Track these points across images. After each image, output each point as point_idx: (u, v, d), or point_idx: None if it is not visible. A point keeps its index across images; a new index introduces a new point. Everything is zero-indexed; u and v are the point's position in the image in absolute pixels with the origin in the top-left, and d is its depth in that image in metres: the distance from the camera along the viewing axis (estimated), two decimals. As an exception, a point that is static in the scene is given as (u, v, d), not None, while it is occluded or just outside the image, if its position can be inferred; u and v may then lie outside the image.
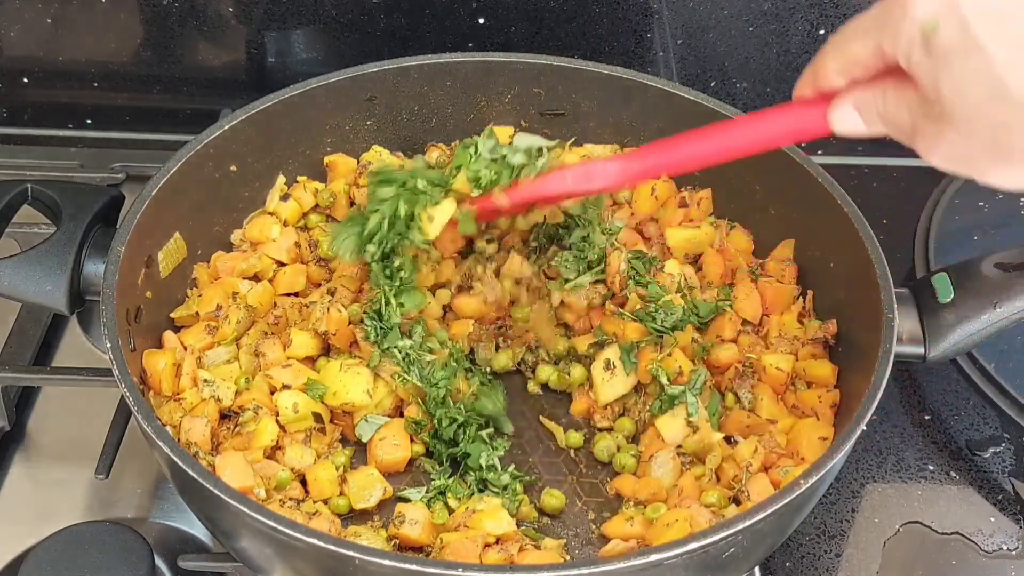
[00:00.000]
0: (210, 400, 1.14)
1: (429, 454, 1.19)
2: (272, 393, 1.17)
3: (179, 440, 1.10)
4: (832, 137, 0.91)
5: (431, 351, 1.21)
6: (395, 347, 1.18)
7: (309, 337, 1.21)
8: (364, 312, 1.20)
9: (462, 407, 1.19)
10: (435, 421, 1.17)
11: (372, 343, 1.19)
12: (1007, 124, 0.72)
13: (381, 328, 1.19)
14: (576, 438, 1.21)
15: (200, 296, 1.24)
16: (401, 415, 1.20)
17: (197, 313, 1.23)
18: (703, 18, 1.58)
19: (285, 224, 1.33)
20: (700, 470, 1.12)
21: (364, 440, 1.18)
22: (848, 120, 0.86)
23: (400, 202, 1.14)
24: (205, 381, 1.15)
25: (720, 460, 1.12)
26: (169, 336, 1.20)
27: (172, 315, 1.24)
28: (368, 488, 1.12)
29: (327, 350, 1.23)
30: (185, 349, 1.18)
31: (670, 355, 1.19)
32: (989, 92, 0.72)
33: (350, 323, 1.21)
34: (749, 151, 1.00)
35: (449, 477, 1.16)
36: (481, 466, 1.15)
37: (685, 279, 1.26)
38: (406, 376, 1.18)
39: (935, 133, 0.78)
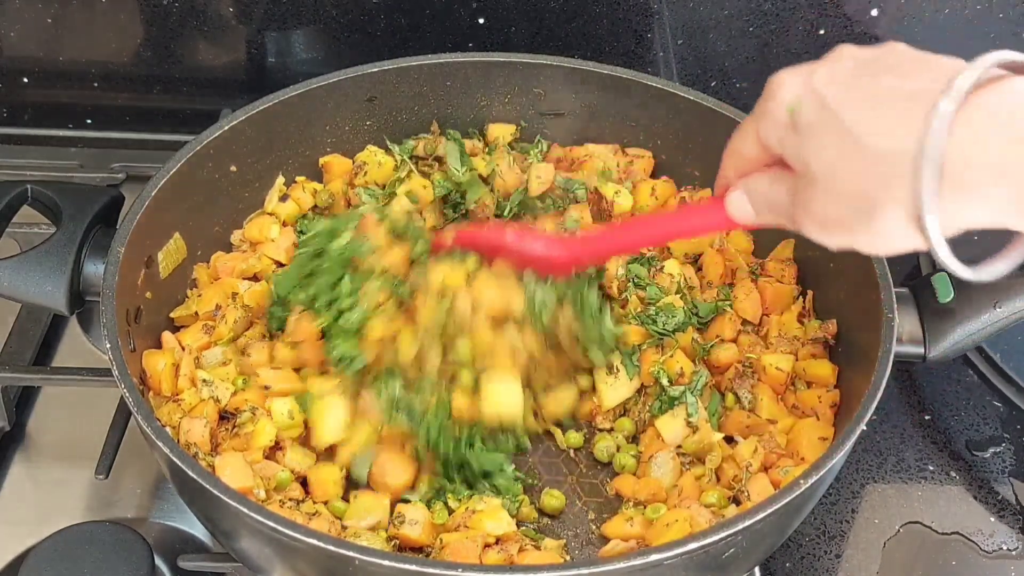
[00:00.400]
0: (209, 400, 1.14)
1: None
2: (265, 388, 1.16)
3: (178, 441, 1.10)
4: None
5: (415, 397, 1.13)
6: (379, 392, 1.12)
7: (290, 349, 1.18)
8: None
9: (462, 429, 1.12)
10: (435, 450, 1.12)
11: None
12: (862, 173, 0.77)
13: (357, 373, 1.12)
14: (576, 438, 1.21)
15: (200, 296, 1.24)
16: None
17: (197, 313, 1.23)
18: (703, 18, 1.58)
19: (284, 224, 1.33)
20: (700, 470, 1.12)
21: (361, 483, 1.12)
22: (739, 204, 0.92)
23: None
24: (204, 381, 1.15)
25: (720, 460, 1.12)
26: (168, 336, 1.20)
27: (172, 315, 1.24)
28: (370, 510, 1.08)
29: None
30: (183, 349, 1.18)
31: (671, 356, 1.18)
32: (844, 148, 0.78)
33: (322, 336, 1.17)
34: (670, 240, 1.18)
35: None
36: (486, 471, 1.13)
37: (685, 279, 1.26)
38: (392, 418, 1.11)
39: (806, 202, 0.83)
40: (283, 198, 1.33)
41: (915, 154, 0.74)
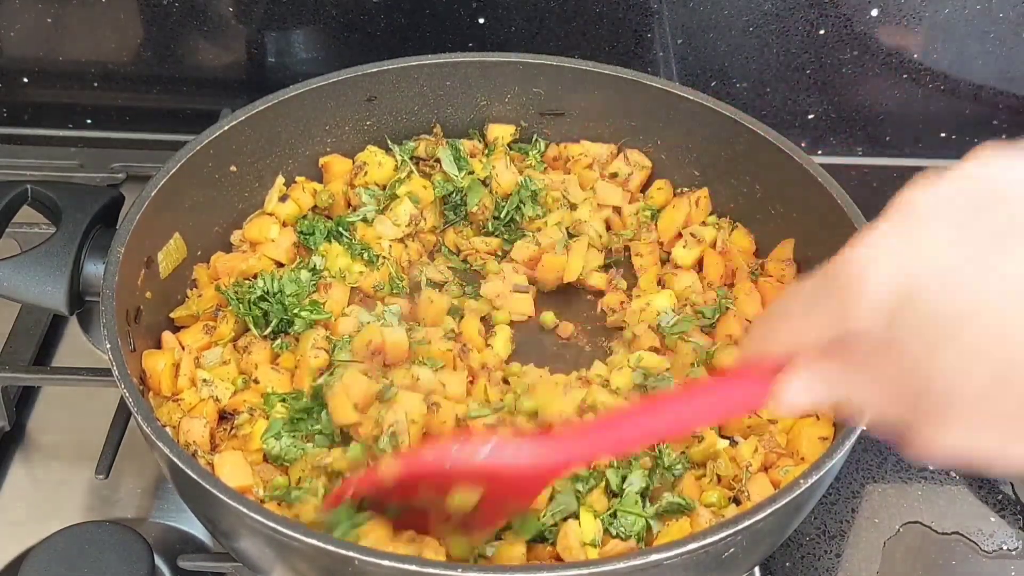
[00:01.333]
0: (208, 400, 1.14)
1: None
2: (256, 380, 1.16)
3: (178, 441, 1.10)
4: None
5: None
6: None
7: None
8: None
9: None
10: None
11: None
12: None
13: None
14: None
15: (200, 296, 1.24)
16: None
17: (197, 314, 1.23)
18: (703, 18, 1.58)
19: (284, 225, 1.33)
20: (700, 470, 1.12)
21: None
22: (799, 391, 0.70)
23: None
24: (204, 381, 1.15)
25: (723, 465, 1.12)
26: (168, 336, 1.19)
27: (172, 315, 1.23)
28: None
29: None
30: (183, 349, 1.18)
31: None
32: (997, 362, 0.57)
33: None
34: (688, 430, 0.93)
35: None
36: None
37: (691, 307, 1.26)
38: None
39: (935, 427, 0.61)
40: (283, 198, 1.33)
41: None
